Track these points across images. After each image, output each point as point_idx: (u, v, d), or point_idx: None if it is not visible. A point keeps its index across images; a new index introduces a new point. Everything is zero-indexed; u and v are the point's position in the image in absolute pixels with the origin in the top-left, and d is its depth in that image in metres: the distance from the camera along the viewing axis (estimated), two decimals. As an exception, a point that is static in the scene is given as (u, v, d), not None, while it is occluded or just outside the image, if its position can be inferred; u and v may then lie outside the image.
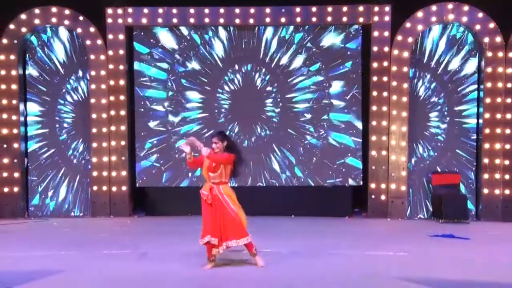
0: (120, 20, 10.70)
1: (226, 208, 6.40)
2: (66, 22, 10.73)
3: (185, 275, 6.32)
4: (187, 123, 10.98)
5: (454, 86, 10.84)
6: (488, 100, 10.53)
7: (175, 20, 10.73)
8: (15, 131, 10.71)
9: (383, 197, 10.68)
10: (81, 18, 10.70)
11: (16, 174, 10.73)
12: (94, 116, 10.73)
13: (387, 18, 10.59)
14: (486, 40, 10.45)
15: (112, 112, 10.75)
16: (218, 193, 6.42)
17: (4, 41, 10.63)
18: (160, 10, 10.70)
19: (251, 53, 10.93)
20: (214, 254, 6.49)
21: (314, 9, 10.66)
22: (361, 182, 10.92)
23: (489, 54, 10.47)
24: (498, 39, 10.43)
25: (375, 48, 10.62)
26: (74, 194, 11.06)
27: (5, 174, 10.71)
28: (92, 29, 10.71)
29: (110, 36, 10.69)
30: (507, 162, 10.52)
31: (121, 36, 10.69)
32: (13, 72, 10.68)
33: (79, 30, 10.74)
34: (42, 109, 11.02)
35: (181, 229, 9.27)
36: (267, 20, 10.71)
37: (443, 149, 10.89)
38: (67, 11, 10.70)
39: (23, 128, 10.86)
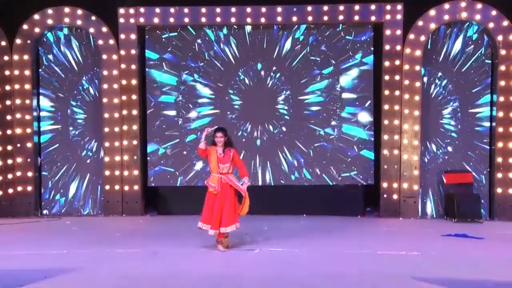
0: (132, 20, 10.74)
1: (233, 196, 7.22)
2: (79, 22, 10.79)
3: (197, 274, 6.34)
4: (199, 121, 11.00)
5: (467, 85, 10.75)
6: (501, 99, 10.44)
7: (186, 20, 10.75)
8: (28, 130, 10.79)
9: (395, 196, 10.63)
10: (93, 18, 10.76)
11: (30, 173, 10.81)
12: (106, 115, 10.79)
13: (399, 17, 10.54)
14: (500, 38, 10.37)
15: (124, 112, 10.80)
16: (228, 180, 7.29)
17: (18, 41, 10.71)
18: (172, 10, 10.73)
19: (262, 52, 10.92)
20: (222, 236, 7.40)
21: (325, 7, 10.63)
22: (373, 181, 10.89)
23: (503, 52, 10.39)
24: (512, 37, 10.37)
25: (387, 47, 10.57)
26: (87, 193, 11.12)
27: (18, 173, 10.79)
28: (104, 29, 10.77)
29: (122, 36, 10.74)
30: (521, 161, 10.45)
31: (133, 36, 10.74)
32: (27, 72, 10.76)
33: (91, 30, 10.80)
34: (55, 109, 11.10)
35: (193, 228, 9.23)
36: (279, 19, 10.69)
37: (456, 148, 10.82)
38: (79, 11, 10.76)
39: (36, 127, 10.94)
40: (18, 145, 10.79)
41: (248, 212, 7.44)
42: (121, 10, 10.74)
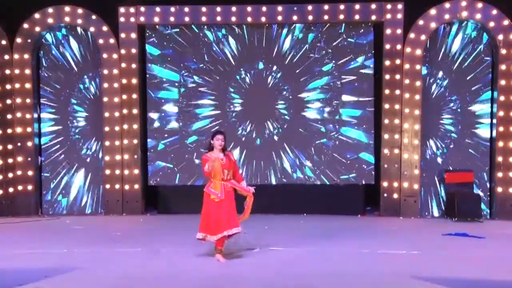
0: (132, 19, 10.74)
1: (234, 202, 7.07)
2: (79, 21, 10.80)
3: (197, 274, 6.33)
4: (199, 121, 11.00)
5: (468, 84, 10.74)
6: (502, 98, 10.43)
7: (187, 19, 10.75)
8: (29, 129, 10.80)
9: (395, 196, 10.63)
10: (93, 17, 10.76)
11: (30, 172, 10.82)
12: (106, 114, 10.79)
13: (399, 16, 10.53)
14: (500, 37, 10.36)
15: (125, 111, 10.80)
16: (232, 185, 7.09)
17: (18, 40, 10.72)
18: (172, 9, 10.73)
19: (263, 51, 10.91)
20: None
21: (326, 7, 10.62)
22: (373, 181, 10.89)
23: (503, 51, 10.38)
24: (513, 36, 10.36)
25: (387, 46, 10.56)
26: (87, 192, 11.14)
27: (19, 172, 10.80)
28: (104, 28, 10.76)
29: (123, 35, 10.74)
30: (521, 160, 10.44)
31: (134, 35, 10.73)
32: (27, 71, 10.77)
33: (92, 29, 10.80)
34: (55, 108, 11.10)
35: (193, 227, 9.24)
36: (279, 18, 10.69)
37: (456, 147, 10.81)
38: (80, 10, 10.76)
39: (37, 126, 10.95)
40: (19, 144, 10.81)
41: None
42: (122, 9, 10.74)
